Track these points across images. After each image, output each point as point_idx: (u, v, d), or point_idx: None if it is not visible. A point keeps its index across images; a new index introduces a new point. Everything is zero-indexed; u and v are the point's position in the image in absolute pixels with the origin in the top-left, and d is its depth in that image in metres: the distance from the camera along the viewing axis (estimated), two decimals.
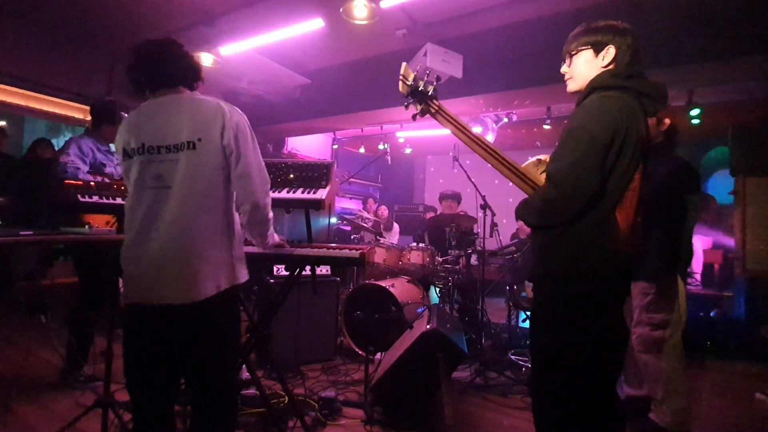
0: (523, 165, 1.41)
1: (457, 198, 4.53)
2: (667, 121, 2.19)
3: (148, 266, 1.26)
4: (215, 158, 1.29)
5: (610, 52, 1.30)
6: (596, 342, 1.24)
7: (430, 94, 1.44)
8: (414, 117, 1.49)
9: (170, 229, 1.25)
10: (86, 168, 2.46)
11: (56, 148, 3.74)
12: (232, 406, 1.47)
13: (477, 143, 1.39)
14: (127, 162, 1.32)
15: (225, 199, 1.35)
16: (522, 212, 1.35)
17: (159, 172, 1.27)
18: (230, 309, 1.39)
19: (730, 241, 4.51)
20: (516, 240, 4.61)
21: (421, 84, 1.44)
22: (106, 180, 2.38)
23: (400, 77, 1.44)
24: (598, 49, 1.31)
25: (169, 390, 1.39)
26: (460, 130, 1.41)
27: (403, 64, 1.46)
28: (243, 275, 1.40)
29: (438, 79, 1.47)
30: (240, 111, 1.38)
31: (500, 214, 3.64)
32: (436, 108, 1.45)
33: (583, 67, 1.34)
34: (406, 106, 1.48)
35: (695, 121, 4.06)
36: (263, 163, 1.41)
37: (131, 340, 1.36)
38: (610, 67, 1.30)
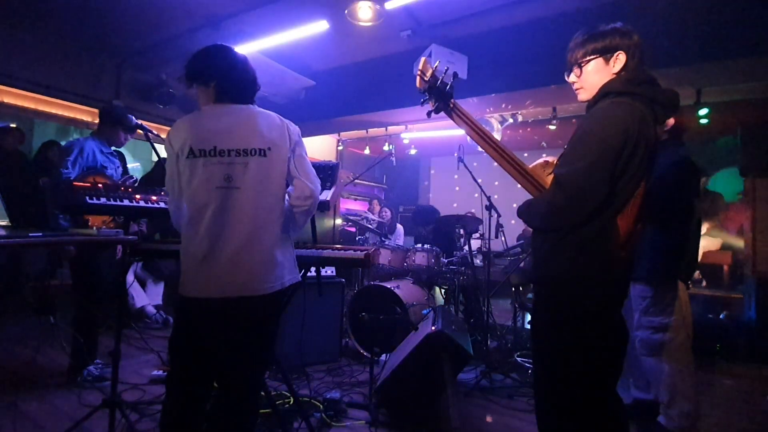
0: (530, 166, 1.40)
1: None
2: (671, 121, 2.15)
3: (222, 262, 1.33)
4: (281, 166, 1.42)
5: (620, 58, 1.27)
6: (596, 343, 1.24)
7: (447, 91, 1.42)
8: (429, 114, 1.47)
9: (243, 228, 1.35)
10: (77, 171, 2.46)
11: None
12: (256, 409, 1.49)
13: (488, 142, 1.38)
14: (190, 161, 1.37)
15: (285, 204, 1.46)
16: (525, 214, 1.34)
17: (228, 173, 1.36)
18: (281, 306, 1.49)
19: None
20: (522, 241, 4.58)
21: (440, 81, 1.41)
22: (109, 182, 2.40)
23: (418, 72, 1.41)
24: (607, 56, 1.28)
25: (207, 386, 1.44)
26: (473, 128, 1.40)
27: (422, 59, 1.43)
28: (298, 275, 1.51)
29: (455, 75, 1.45)
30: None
31: (505, 215, 3.63)
32: (452, 105, 1.43)
33: (595, 77, 1.31)
34: (423, 102, 1.47)
35: (704, 121, 4.01)
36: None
37: (185, 333, 1.43)
38: (623, 72, 1.28)
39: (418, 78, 1.42)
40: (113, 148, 2.75)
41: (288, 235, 1.49)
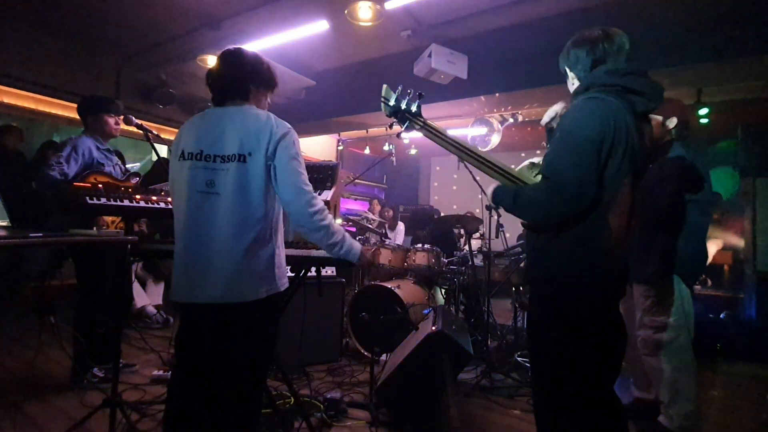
0: (517, 168, 1.41)
1: None
2: (674, 119, 2.14)
3: (199, 267, 1.33)
4: (262, 172, 1.36)
5: (571, 76, 1.42)
6: (592, 342, 1.24)
7: (413, 111, 1.43)
8: (398, 135, 1.51)
9: (220, 234, 1.33)
10: (76, 168, 2.41)
11: None
12: (256, 410, 1.49)
13: (468, 153, 1.39)
14: (180, 162, 1.39)
15: (271, 209, 1.40)
16: (518, 214, 1.35)
17: (211, 179, 1.35)
18: (267, 317, 1.44)
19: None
20: (522, 240, 4.58)
21: (404, 103, 1.43)
22: (109, 181, 2.38)
23: (381, 99, 1.43)
24: (566, 79, 1.45)
25: (208, 385, 1.43)
26: (447, 141, 1.41)
27: (384, 86, 1.45)
28: (283, 284, 1.46)
29: (420, 96, 1.45)
30: (288, 125, 1.42)
31: (506, 215, 3.62)
32: (421, 124, 1.44)
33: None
34: (390, 126, 1.48)
35: (704, 121, 4.01)
36: (303, 177, 1.40)
37: (181, 335, 1.43)
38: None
39: (382, 104, 1.44)
40: (111, 145, 2.73)
41: (269, 244, 1.40)
